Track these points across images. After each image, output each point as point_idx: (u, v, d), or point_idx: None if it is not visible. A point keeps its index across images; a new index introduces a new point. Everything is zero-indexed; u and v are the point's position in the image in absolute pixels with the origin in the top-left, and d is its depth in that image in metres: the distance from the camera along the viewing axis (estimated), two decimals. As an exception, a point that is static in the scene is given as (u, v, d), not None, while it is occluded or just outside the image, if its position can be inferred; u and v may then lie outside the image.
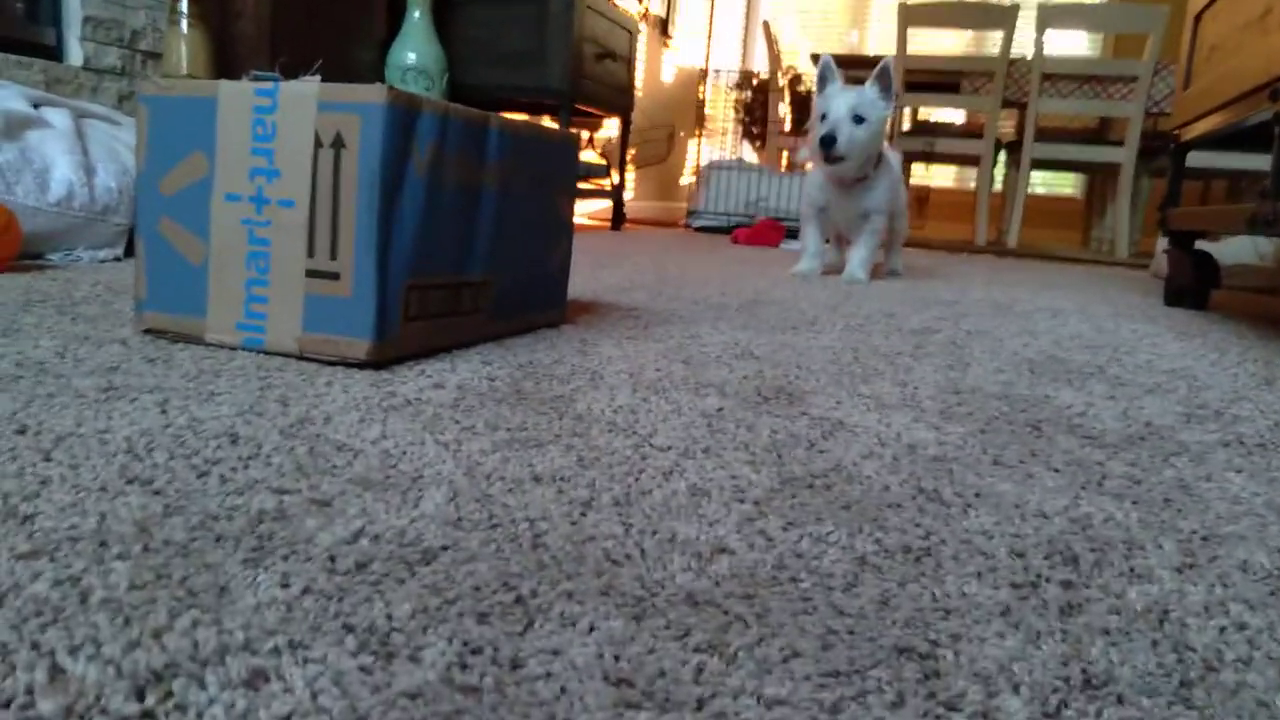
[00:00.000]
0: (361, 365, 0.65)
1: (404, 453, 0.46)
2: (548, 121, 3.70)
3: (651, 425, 0.55)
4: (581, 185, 2.94)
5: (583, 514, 0.39)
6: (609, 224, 3.34)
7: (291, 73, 0.69)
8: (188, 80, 0.67)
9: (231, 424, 0.48)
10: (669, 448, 0.50)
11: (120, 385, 0.55)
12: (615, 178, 3.15)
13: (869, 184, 1.69)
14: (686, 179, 5.41)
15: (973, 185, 4.87)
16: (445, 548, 0.34)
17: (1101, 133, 4.58)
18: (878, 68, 1.66)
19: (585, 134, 3.70)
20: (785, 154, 5.59)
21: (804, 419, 0.59)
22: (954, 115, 4.98)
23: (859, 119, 1.58)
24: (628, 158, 4.80)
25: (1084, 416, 0.66)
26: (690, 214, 3.67)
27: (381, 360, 0.65)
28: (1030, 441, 0.58)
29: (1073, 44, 5.52)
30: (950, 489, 0.46)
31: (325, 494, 0.39)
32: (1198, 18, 1.61)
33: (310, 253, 0.64)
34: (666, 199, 5.51)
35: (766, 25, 5.11)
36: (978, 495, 0.46)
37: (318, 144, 0.64)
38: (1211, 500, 0.48)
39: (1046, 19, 3.84)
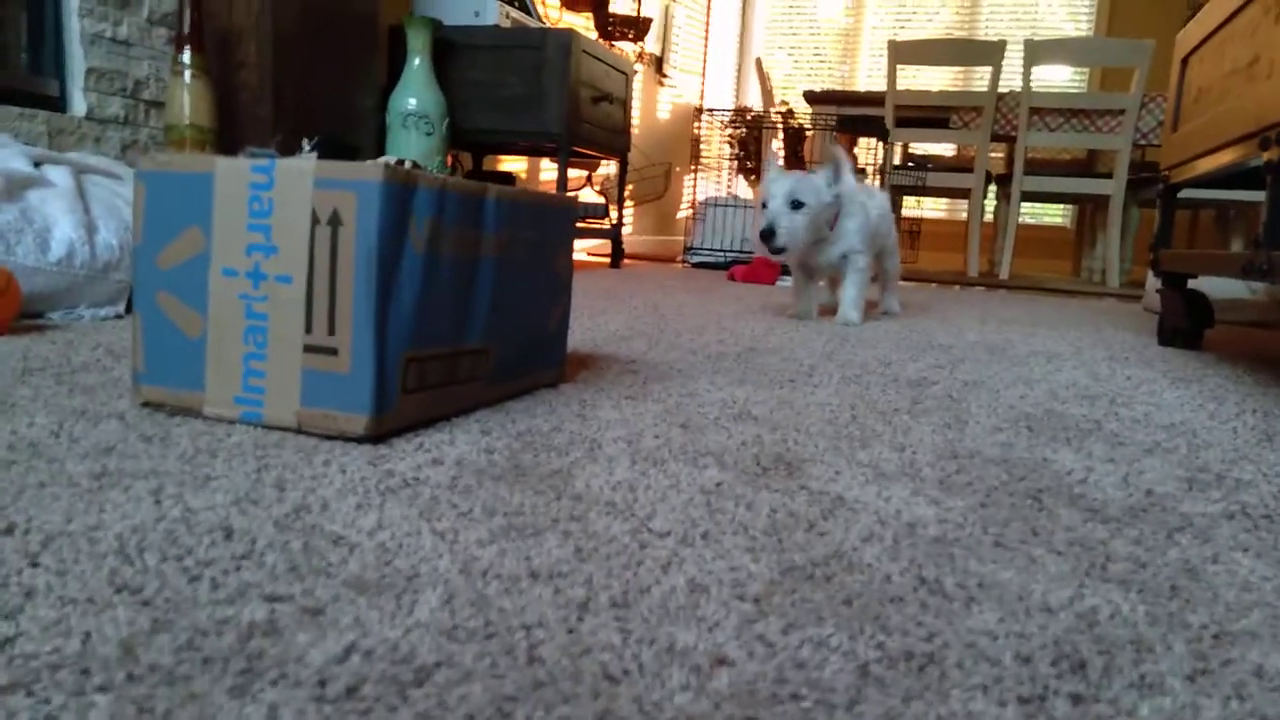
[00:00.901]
0: (360, 440, 0.64)
1: (400, 545, 0.45)
2: (546, 163, 3.73)
3: (650, 505, 0.55)
4: (581, 225, 2.95)
5: (579, 619, 0.38)
6: (609, 261, 3.35)
7: (290, 146, 0.70)
8: (185, 156, 0.67)
9: (226, 515, 0.48)
10: (667, 533, 0.50)
11: (114, 470, 0.54)
12: (614, 215, 3.17)
13: (832, 238, 1.71)
14: (684, 213, 5.44)
15: (964, 215, 4.90)
16: (439, 664, 0.34)
17: (1090, 164, 4.62)
18: (831, 157, 1.68)
19: (584, 173, 3.73)
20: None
21: (803, 494, 0.59)
22: (944, 148, 5.03)
23: (797, 204, 1.60)
24: (625, 195, 4.84)
25: (1084, 484, 0.66)
26: (687, 250, 3.69)
27: (380, 434, 0.65)
28: (1031, 516, 0.57)
29: (1059, 77, 5.59)
30: (952, 579, 0.46)
31: (318, 600, 0.38)
32: (1185, 61, 1.63)
33: (308, 328, 0.64)
34: (664, 233, 5.54)
35: (759, 62, 5.18)
36: (980, 585, 0.45)
37: (315, 221, 0.64)
38: (1220, 587, 0.47)
39: (1034, 54, 3.89)
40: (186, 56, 1.97)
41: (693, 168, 4.04)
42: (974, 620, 0.41)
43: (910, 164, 4.65)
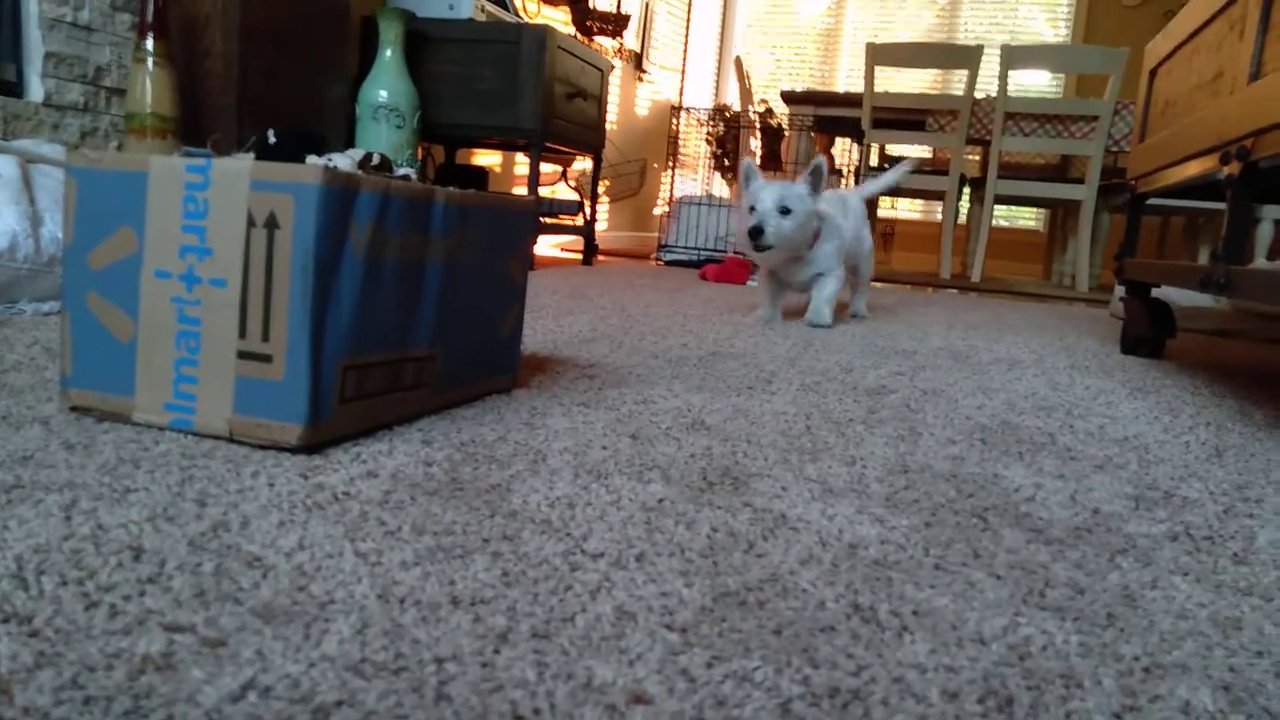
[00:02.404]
0: (294, 450, 0.62)
1: (319, 568, 0.44)
2: (521, 158, 3.70)
3: (587, 524, 0.53)
4: (553, 221, 2.93)
5: (496, 651, 0.37)
6: (581, 258, 3.33)
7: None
8: (117, 153, 0.65)
9: (139, 533, 0.46)
10: (601, 554, 0.49)
11: (29, 482, 0.52)
12: (587, 212, 3.14)
13: (809, 257, 1.72)
14: (660, 209, 5.43)
15: (939, 217, 4.93)
16: (340, 703, 0.32)
17: (1064, 169, 4.66)
18: (811, 166, 1.69)
19: (559, 168, 3.70)
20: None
21: (746, 511, 0.58)
22: (921, 150, 5.05)
23: (785, 210, 1.63)
24: (600, 191, 4.82)
25: (1032, 502, 0.65)
26: (661, 247, 3.68)
27: (315, 444, 0.63)
28: (975, 537, 0.57)
29: (1038, 82, 5.63)
30: (887, 605, 0.45)
31: (222, 630, 0.37)
32: (1153, 73, 1.64)
33: (242, 334, 0.62)
34: (640, 229, 5.52)
35: (738, 61, 5.17)
36: (915, 613, 0.44)
37: (251, 223, 0.62)
38: (1156, 614, 0.47)
39: (1010, 60, 3.91)
40: (149, 44, 1.92)
41: (670, 164, 4.03)
42: (904, 652, 0.40)
43: (886, 165, 4.67)
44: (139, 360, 0.65)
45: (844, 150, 5.20)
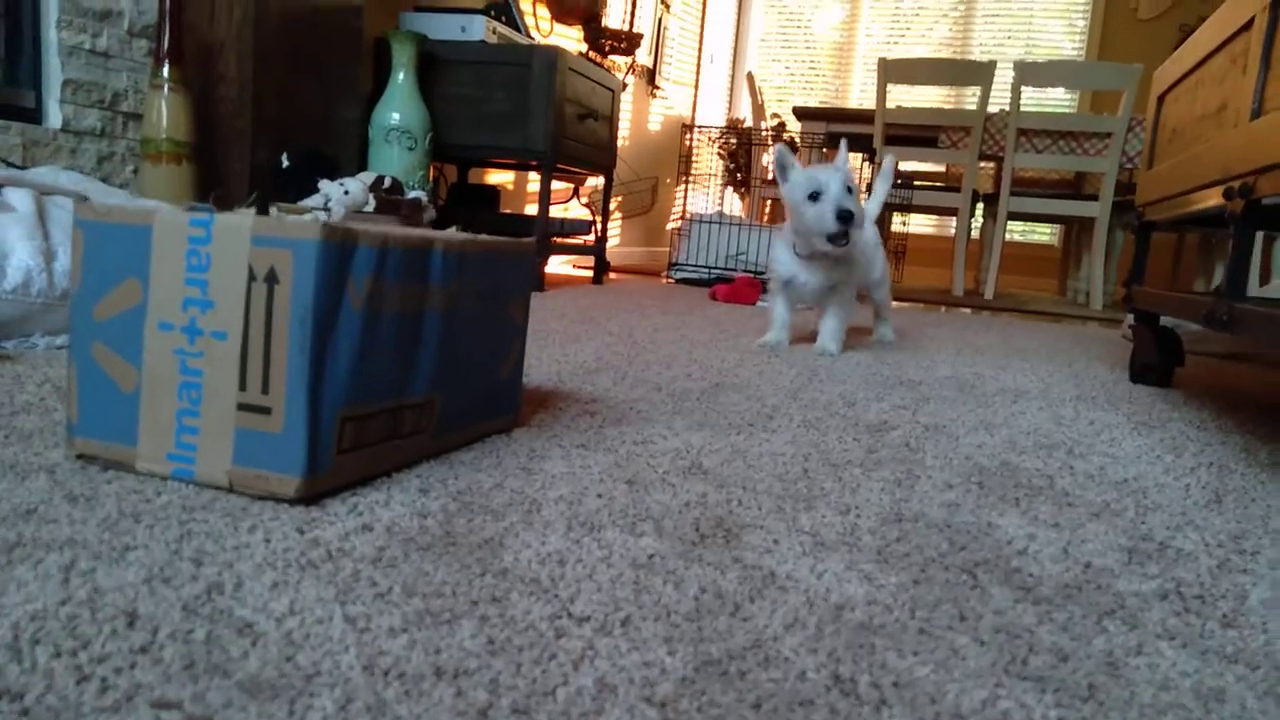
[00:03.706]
0: (292, 501, 0.63)
1: (307, 636, 0.45)
2: (534, 176, 3.72)
3: (576, 584, 0.54)
4: (564, 240, 2.95)
5: (475, 729, 0.38)
6: (592, 276, 3.35)
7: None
8: (124, 207, 0.66)
9: (134, 596, 0.47)
10: (587, 618, 0.49)
11: (30, 539, 0.53)
12: (598, 228, 3.16)
13: (841, 259, 1.70)
14: (674, 224, 5.45)
15: (951, 231, 4.92)
16: (319, 789, 0.33)
17: (1078, 185, 4.64)
18: (842, 144, 1.68)
19: (571, 186, 3.72)
20: (769, 204, 5.63)
21: (736, 568, 0.58)
22: (934, 166, 5.05)
23: (849, 190, 1.59)
24: (613, 208, 4.84)
25: (1024, 555, 0.66)
26: (671, 266, 3.69)
27: (313, 495, 0.64)
28: (963, 596, 0.57)
29: (1051, 96, 5.61)
30: (868, 676, 0.45)
31: (209, 707, 0.38)
32: (1161, 99, 1.64)
33: (242, 386, 0.64)
34: (653, 244, 5.54)
35: (750, 77, 5.19)
36: (895, 684, 0.45)
37: (251, 278, 0.63)
38: (1139, 684, 0.47)
39: (1023, 76, 3.91)
40: (165, 70, 1.96)
41: (683, 179, 4.04)
42: (880, 729, 0.40)
43: (897, 182, 4.66)
44: (142, 410, 0.66)
45: (856, 167, 5.19)
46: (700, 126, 4.11)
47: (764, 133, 5.27)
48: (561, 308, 2.24)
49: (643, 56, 5.08)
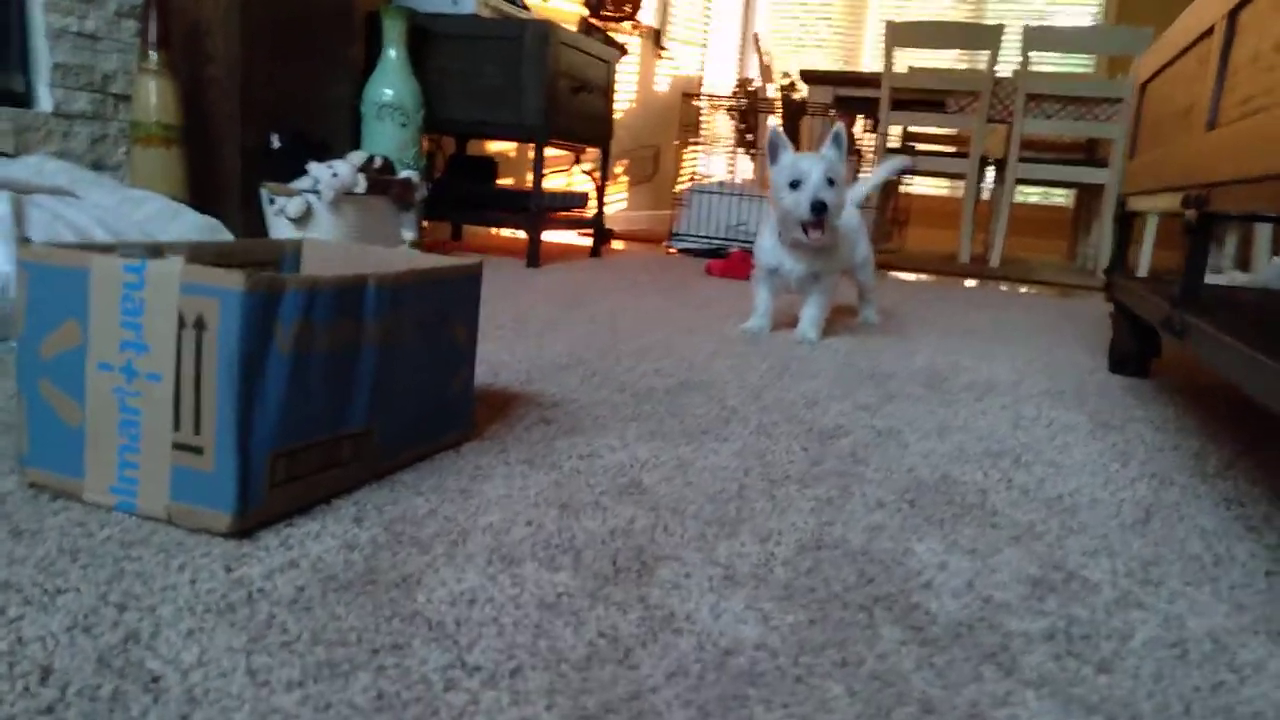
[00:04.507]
0: (226, 535, 0.67)
1: (208, 691, 0.48)
2: (530, 149, 3.70)
3: (479, 628, 0.57)
4: (560, 215, 2.94)
5: (340, 796, 0.41)
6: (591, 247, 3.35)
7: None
8: (62, 250, 0.69)
9: (53, 648, 0.51)
10: (479, 668, 0.52)
11: (-30, 583, 0.57)
12: (595, 203, 3.16)
13: (826, 248, 1.71)
14: (682, 186, 5.41)
15: (961, 192, 4.86)
16: None
17: (1091, 150, 4.57)
18: (832, 133, 1.67)
19: (571, 154, 3.71)
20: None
21: (639, 609, 0.61)
22: (944, 130, 4.97)
23: (830, 182, 1.59)
24: (619, 172, 4.81)
25: (928, 589, 0.68)
26: (673, 235, 3.68)
27: (246, 529, 0.67)
28: (852, 639, 0.60)
29: (1067, 61, 5.48)
30: (729, 733, 0.48)
31: (98, 773, 0.41)
32: (1143, 87, 1.62)
33: (176, 427, 0.67)
34: (661, 208, 5.51)
35: (756, 38, 5.10)
36: (752, 743, 0.47)
37: (181, 324, 0.66)
38: (987, 740, 0.49)
39: (1031, 41, 3.83)
40: (152, 54, 1.97)
41: (681, 148, 4.01)
42: (724, 793, 0.43)
43: (909, 146, 4.60)
44: (87, 445, 0.70)
45: (865, 129, 5.12)
46: (701, 95, 4.05)
47: (775, 94, 5.20)
48: (553, 286, 2.26)
49: (649, 17, 5.01)
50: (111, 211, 1.43)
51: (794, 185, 1.61)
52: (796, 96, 5.32)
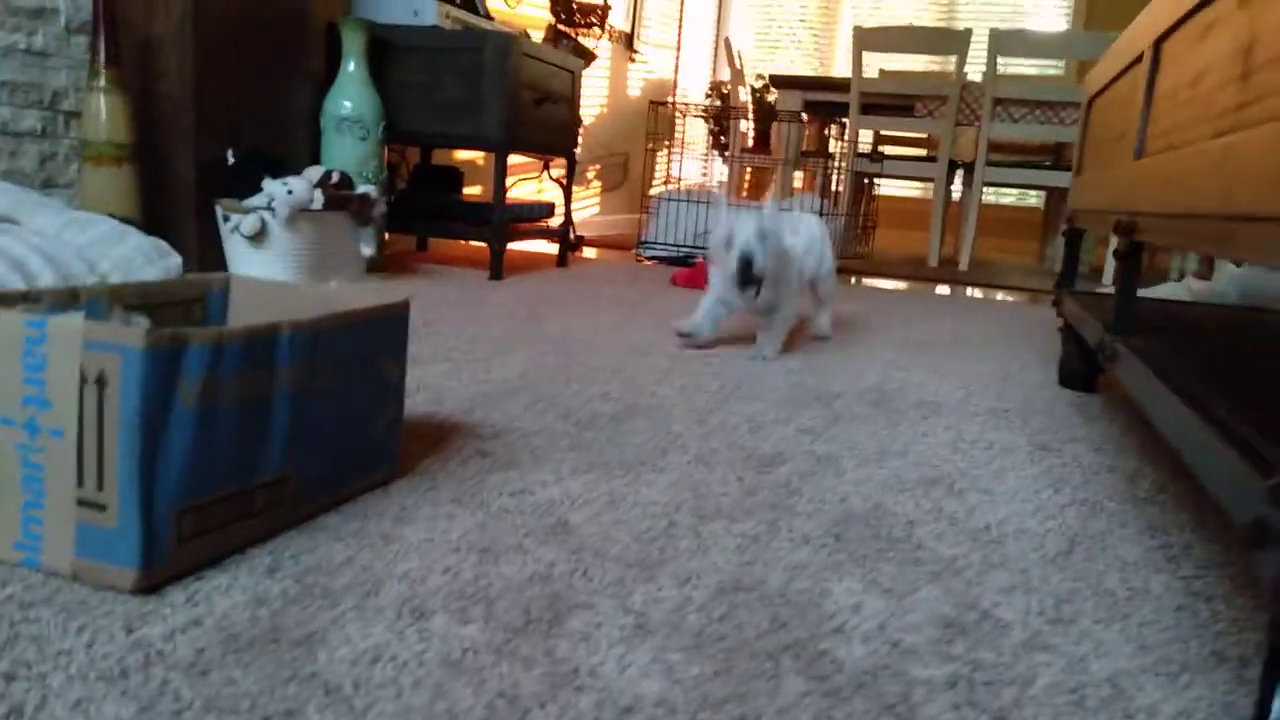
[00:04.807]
0: (132, 591, 0.66)
1: (86, 770, 0.47)
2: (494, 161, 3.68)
3: (376, 690, 0.57)
4: (525, 226, 2.93)
5: None
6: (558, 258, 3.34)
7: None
8: (-35, 304, 0.68)
9: (-66, 726, 0.50)
10: (369, 736, 0.52)
11: None
12: (562, 213, 3.15)
13: (772, 284, 1.73)
14: (657, 189, 5.41)
15: (930, 193, 4.89)
16: None
17: (1059, 154, 4.61)
18: (769, 198, 1.70)
19: (540, 162, 3.70)
20: (749, 173, 5.59)
21: (544, 664, 0.61)
22: (915, 134, 5.00)
23: (763, 238, 1.61)
24: (591, 177, 4.80)
25: (839, 634, 0.68)
26: (640, 244, 3.68)
27: (153, 585, 0.67)
28: (754, 691, 0.60)
29: (1038, 65, 5.53)
30: (611, 803, 0.48)
31: None
32: (1090, 104, 1.63)
33: (80, 483, 0.66)
34: (635, 211, 5.51)
35: (728, 43, 5.11)
36: (633, 813, 0.48)
37: (83, 380, 0.65)
38: (871, 802, 0.50)
39: (998, 45, 3.86)
40: (102, 71, 1.94)
41: (653, 152, 4.01)
42: None
43: (878, 151, 4.62)
44: (-8, 500, 0.69)
45: (836, 135, 5.15)
46: (667, 102, 4.05)
47: (747, 98, 5.21)
48: (513, 301, 2.25)
49: (621, 21, 5.00)
50: (52, 239, 1.42)
51: (729, 244, 1.62)
52: (771, 98, 5.33)
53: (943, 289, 3.48)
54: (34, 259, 1.30)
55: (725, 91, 5.44)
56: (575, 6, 3.92)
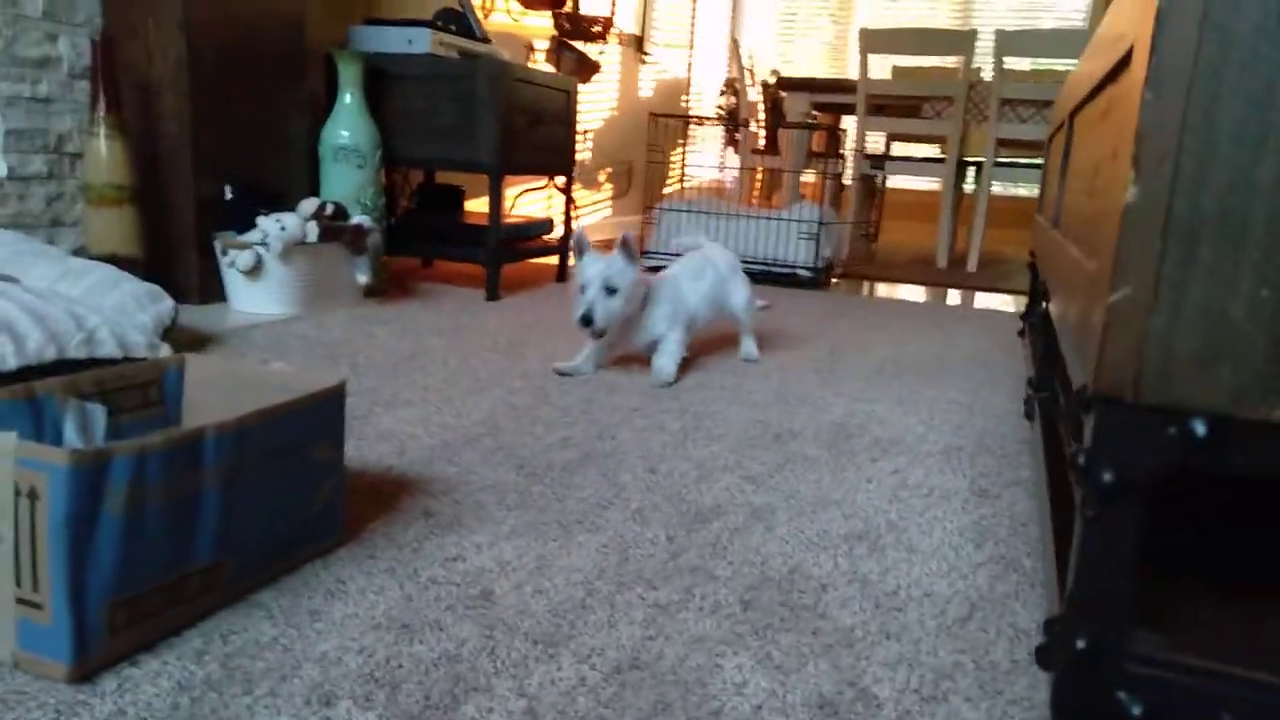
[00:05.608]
0: (68, 680, 0.73)
1: None
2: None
3: (267, 784, 0.63)
4: (524, 244, 2.99)
5: None
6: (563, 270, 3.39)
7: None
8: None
9: None
10: (250, 835, 0.58)
11: None
12: (562, 227, 3.20)
13: (640, 322, 1.86)
14: (670, 188, 5.43)
15: (939, 186, 4.85)
16: None
17: (1071, 150, 4.55)
18: (620, 240, 1.78)
19: (543, 180, 3.74)
20: (759, 176, 5.58)
21: (427, 754, 0.67)
22: (922, 140, 4.96)
23: (611, 290, 1.75)
24: (600, 184, 4.84)
25: (717, 717, 0.73)
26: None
27: (86, 674, 0.74)
28: (616, 783, 0.65)
29: (1052, 62, 5.46)
30: None
31: None
32: (1072, 116, 1.64)
33: (18, 583, 0.73)
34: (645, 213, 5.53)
35: (735, 44, 5.11)
36: None
37: (17, 493, 0.72)
38: None
39: (1004, 45, 3.83)
40: (102, 116, 2.03)
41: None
42: None
43: (869, 158, 4.60)
44: (-53, 595, 0.76)
45: (844, 136, 5.13)
46: (665, 115, 4.08)
47: (756, 98, 5.21)
48: (502, 326, 2.31)
49: (630, 24, 5.02)
50: (44, 294, 1.50)
51: (583, 289, 1.76)
52: (777, 96, 5.32)
53: (940, 301, 3.47)
54: (23, 320, 1.38)
55: (738, 89, 5.45)
56: (579, 19, 3.96)
